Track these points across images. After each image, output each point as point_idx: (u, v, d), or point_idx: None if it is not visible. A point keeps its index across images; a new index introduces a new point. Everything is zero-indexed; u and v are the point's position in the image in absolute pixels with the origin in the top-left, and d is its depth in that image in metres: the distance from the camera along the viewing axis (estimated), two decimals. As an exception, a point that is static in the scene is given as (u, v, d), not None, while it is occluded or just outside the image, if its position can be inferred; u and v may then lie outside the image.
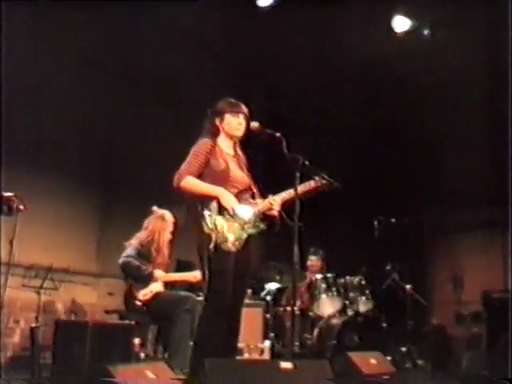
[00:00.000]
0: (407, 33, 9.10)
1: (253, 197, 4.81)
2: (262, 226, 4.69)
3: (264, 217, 4.71)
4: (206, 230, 4.49)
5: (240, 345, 6.77)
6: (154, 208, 6.51)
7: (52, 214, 8.37)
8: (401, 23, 9.06)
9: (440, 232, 10.22)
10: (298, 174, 4.78)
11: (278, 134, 4.86)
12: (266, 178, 5.00)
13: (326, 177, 5.09)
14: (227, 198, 4.60)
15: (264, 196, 4.82)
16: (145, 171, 9.10)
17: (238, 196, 4.69)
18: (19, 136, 7.64)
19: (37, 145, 8.23)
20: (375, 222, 7.96)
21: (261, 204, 4.73)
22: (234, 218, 4.58)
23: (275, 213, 4.71)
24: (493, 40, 9.12)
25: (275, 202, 4.71)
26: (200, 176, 4.65)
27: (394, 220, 8.01)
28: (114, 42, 8.80)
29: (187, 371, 4.58)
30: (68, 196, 8.68)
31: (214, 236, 4.47)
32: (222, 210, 4.57)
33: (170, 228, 6.48)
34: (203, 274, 4.53)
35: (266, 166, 7.48)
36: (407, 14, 9.02)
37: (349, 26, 8.86)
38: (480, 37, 9.16)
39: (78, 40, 8.57)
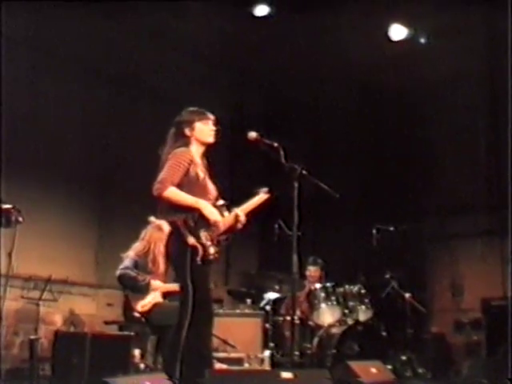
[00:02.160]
0: (404, 41, 9.13)
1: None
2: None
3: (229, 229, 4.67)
4: (190, 241, 4.43)
5: (240, 355, 6.78)
6: (151, 218, 6.44)
7: (50, 225, 8.37)
8: (398, 31, 9.09)
9: (439, 240, 10.21)
10: (296, 184, 4.77)
11: (275, 144, 4.85)
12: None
13: (324, 186, 5.10)
14: (211, 210, 4.54)
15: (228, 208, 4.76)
16: (143, 182, 9.06)
17: None
18: (17, 148, 7.63)
19: (35, 157, 8.25)
20: (374, 231, 7.94)
21: (229, 217, 4.67)
22: (213, 230, 4.54)
23: (240, 225, 4.68)
24: (490, 48, 9.17)
25: (240, 214, 4.68)
26: (178, 186, 4.56)
27: (392, 228, 7.99)
28: (113, 48, 8.85)
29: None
30: (66, 207, 8.69)
31: (200, 248, 4.44)
32: (203, 222, 4.50)
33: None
34: (183, 286, 4.50)
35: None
36: (404, 23, 9.04)
37: (346, 34, 8.89)
38: (477, 45, 9.20)
39: (74, 45, 8.59)
